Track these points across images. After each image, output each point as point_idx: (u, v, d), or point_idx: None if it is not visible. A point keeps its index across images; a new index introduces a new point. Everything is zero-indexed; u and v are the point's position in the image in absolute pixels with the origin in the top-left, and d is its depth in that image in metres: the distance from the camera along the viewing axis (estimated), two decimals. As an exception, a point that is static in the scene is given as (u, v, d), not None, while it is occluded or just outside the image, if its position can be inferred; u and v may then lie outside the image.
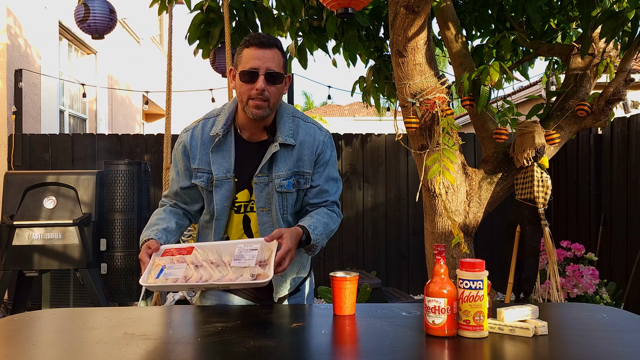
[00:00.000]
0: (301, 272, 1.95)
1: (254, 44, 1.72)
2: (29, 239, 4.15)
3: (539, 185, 3.10)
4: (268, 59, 1.71)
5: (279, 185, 1.78)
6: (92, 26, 4.03)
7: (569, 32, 3.70)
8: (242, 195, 1.82)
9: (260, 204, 1.80)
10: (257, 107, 1.72)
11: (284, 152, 1.79)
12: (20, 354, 1.30)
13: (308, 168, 1.82)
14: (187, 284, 1.51)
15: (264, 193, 1.80)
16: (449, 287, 1.42)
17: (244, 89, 1.72)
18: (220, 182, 1.79)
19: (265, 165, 1.78)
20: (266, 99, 1.72)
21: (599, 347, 1.34)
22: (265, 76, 1.70)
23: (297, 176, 1.81)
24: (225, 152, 1.80)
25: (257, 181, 1.79)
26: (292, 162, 1.80)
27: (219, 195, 1.80)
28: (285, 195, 1.81)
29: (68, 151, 5.94)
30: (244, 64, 1.72)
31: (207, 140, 1.82)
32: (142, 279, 1.57)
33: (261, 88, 1.70)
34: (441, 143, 2.87)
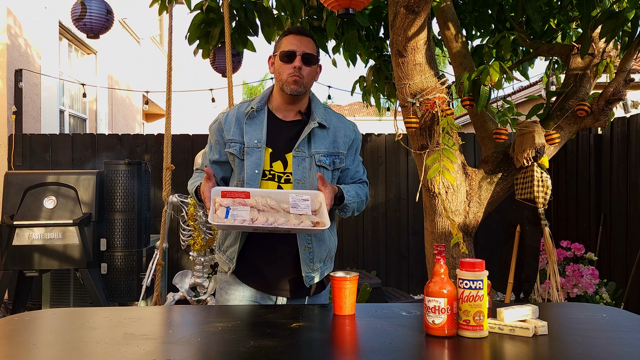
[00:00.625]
0: (328, 261, 1.99)
1: (292, 32, 1.96)
2: (29, 239, 4.15)
3: (539, 185, 3.10)
4: (304, 44, 1.94)
5: (318, 160, 1.93)
6: (88, 25, 4.03)
7: (569, 32, 3.70)
8: (276, 166, 1.94)
9: (297, 177, 1.92)
10: (295, 83, 1.91)
11: (320, 132, 1.96)
12: (20, 354, 1.30)
13: (343, 149, 1.99)
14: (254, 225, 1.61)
15: (300, 167, 1.92)
16: (449, 287, 1.42)
17: (283, 68, 1.93)
18: (252, 150, 1.91)
19: (304, 141, 1.93)
20: (302, 77, 1.92)
21: (599, 347, 1.34)
22: (301, 56, 1.92)
23: (333, 156, 1.97)
24: (257, 125, 1.95)
25: (295, 154, 1.93)
26: (329, 142, 1.96)
27: (249, 162, 1.91)
28: (323, 170, 1.94)
29: (68, 151, 5.94)
30: (284, 47, 1.94)
31: (241, 116, 1.98)
32: (210, 218, 1.68)
33: (299, 66, 1.91)
34: (441, 143, 2.86)
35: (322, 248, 1.94)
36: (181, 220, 3.83)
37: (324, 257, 1.96)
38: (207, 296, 3.83)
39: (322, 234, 1.93)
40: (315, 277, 1.93)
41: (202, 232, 3.75)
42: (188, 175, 5.81)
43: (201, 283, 3.81)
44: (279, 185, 1.92)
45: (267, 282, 1.93)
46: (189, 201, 3.78)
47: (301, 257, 1.90)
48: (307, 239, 1.90)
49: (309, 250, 1.90)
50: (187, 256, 5.82)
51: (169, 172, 3.71)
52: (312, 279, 1.92)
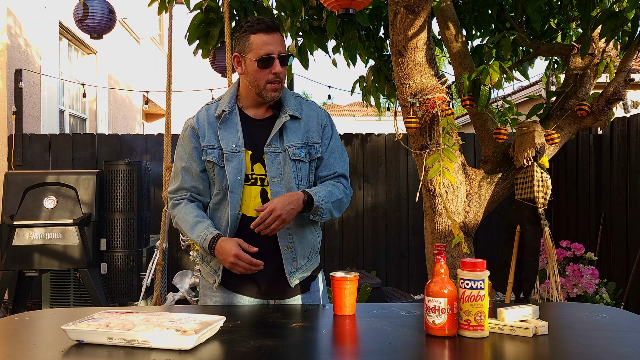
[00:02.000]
0: (312, 256, 1.93)
1: (261, 30, 1.79)
2: (29, 239, 4.15)
3: (539, 185, 3.10)
4: (278, 43, 1.80)
5: (292, 153, 1.83)
6: (91, 26, 4.03)
7: (569, 32, 3.70)
8: (258, 168, 1.85)
9: (272, 174, 1.83)
10: (274, 90, 1.82)
11: (292, 124, 1.86)
12: (20, 354, 1.30)
13: (317, 138, 1.89)
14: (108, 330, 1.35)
15: (275, 163, 1.83)
16: (449, 287, 1.42)
17: (261, 75, 1.80)
18: (231, 155, 1.82)
19: (275, 136, 1.84)
20: (280, 81, 1.82)
21: (599, 346, 1.34)
22: (279, 59, 1.79)
23: (308, 147, 1.87)
24: (232, 128, 1.85)
25: (267, 151, 1.83)
26: (302, 133, 1.87)
27: (230, 168, 1.82)
28: (299, 164, 1.85)
29: (68, 151, 5.94)
30: (257, 50, 1.78)
31: (212, 120, 1.87)
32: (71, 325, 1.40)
33: (279, 71, 1.79)
34: (441, 143, 2.86)
35: (304, 245, 1.88)
36: (181, 220, 3.82)
37: (308, 253, 1.90)
38: (207, 296, 3.83)
39: (303, 231, 1.86)
40: (299, 275, 1.88)
41: (202, 232, 3.74)
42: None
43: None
44: (263, 188, 1.84)
45: (256, 287, 1.87)
46: (189, 201, 3.77)
47: (283, 257, 1.84)
48: (289, 238, 1.84)
49: (291, 249, 1.84)
50: (187, 256, 5.82)
51: (169, 172, 3.71)
52: (296, 277, 1.86)
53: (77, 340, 1.37)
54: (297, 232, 1.86)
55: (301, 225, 1.87)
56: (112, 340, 1.34)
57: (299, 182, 1.85)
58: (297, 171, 1.85)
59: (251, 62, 1.79)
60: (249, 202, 1.84)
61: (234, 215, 1.82)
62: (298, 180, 1.85)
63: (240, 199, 1.83)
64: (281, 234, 1.83)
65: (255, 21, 1.80)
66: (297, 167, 1.85)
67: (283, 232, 1.83)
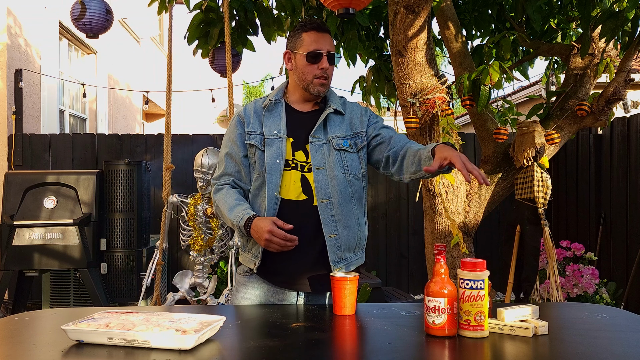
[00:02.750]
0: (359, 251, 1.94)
1: (313, 29, 1.91)
2: (29, 239, 4.15)
3: (539, 185, 3.11)
4: (327, 41, 1.91)
5: (336, 144, 1.91)
6: (87, 25, 4.03)
7: (569, 32, 3.70)
8: (299, 155, 1.91)
9: (316, 163, 1.89)
10: (321, 85, 1.91)
11: (336, 117, 1.95)
12: (20, 354, 1.30)
13: (360, 128, 1.96)
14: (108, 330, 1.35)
15: (319, 153, 1.90)
16: (449, 287, 1.42)
17: (309, 69, 1.90)
18: (272, 140, 1.90)
19: (320, 128, 1.92)
20: (327, 77, 1.92)
21: (599, 346, 1.34)
22: (327, 56, 1.90)
23: (353, 138, 1.94)
24: (275, 117, 1.95)
25: (312, 141, 1.90)
26: (346, 127, 1.95)
27: (270, 152, 1.89)
28: (344, 154, 1.91)
29: (68, 151, 5.94)
30: (307, 46, 1.90)
31: (259, 110, 1.98)
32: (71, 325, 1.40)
33: (326, 67, 1.89)
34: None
35: (349, 235, 1.88)
36: (181, 220, 3.83)
37: (353, 246, 1.91)
38: (207, 296, 3.83)
39: (348, 220, 1.88)
40: (343, 267, 1.86)
41: (202, 232, 3.75)
42: (188, 175, 5.85)
43: (201, 283, 3.81)
44: (303, 174, 1.88)
45: (290, 276, 1.87)
46: (189, 201, 3.78)
47: (328, 245, 1.84)
48: (333, 226, 1.86)
49: (335, 237, 1.85)
50: (187, 256, 5.82)
51: (169, 172, 3.71)
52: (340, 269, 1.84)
53: (77, 340, 1.37)
54: (341, 219, 1.87)
55: (346, 214, 1.88)
56: (112, 340, 1.34)
57: (345, 171, 1.90)
58: (342, 160, 1.90)
59: (301, 57, 1.91)
60: (289, 186, 1.88)
61: (272, 197, 1.85)
62: (344, 169, 1.90)
63: (279, 182, 1.87)
64: (325, 220, 1.85)
65: (308, 21, 1.93)
66: (343, 156, 1.91)
67: (327, 218, 1.85)
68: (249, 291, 1.92)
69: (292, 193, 1.87)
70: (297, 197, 1.87)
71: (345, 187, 1.88)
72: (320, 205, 1.85)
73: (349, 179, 1.90)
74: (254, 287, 1.91)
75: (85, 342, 1.36)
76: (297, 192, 1.87)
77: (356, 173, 1.93)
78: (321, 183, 1.86)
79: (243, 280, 1.95)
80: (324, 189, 1.86)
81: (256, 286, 1.91)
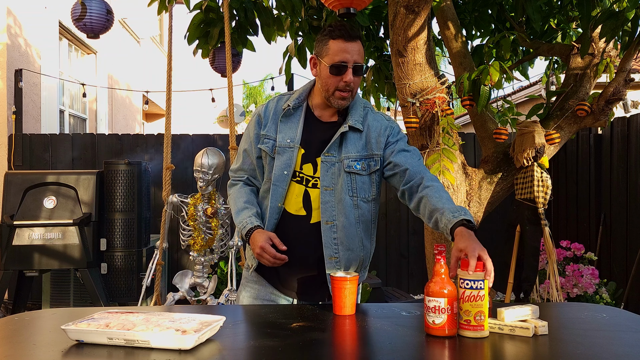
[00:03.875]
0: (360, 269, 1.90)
1: (341, 37, 1.78)
2: (29, 239, 4.15)
3: (539, 185, 3.10)
4: (355, 52, 1.78)
5: (347, 165, 1.82)
6: (88, 25, 4.03)
7: (569, 32, 3.70)
8: (306, 169, 1.86)
9: (325, 183, 1.83)
10: (342, 99, 1.82)
11: (353, 135, 1.85)
12: (20, 354, 1.30)
13: (376, 150, 1.86)
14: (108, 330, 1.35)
15: (329, 173, 1.83)
16: (449, 287, 1.42)
17: (332, 81, 1.80)
18: (283, 149, 1.85)
19: (334, 145, 1.83)
20: (351, 90, 1.81)
21: (599, 346, 1.34)
22: (352, 69, 1.78)
23: (367, 159, 1.85)
24: (292, 124, 1.88)
25: (324, 159, 1.83)
26: (361, 146, 1.85)
27: (279, 162, 1.85)
28: (354, 176, 1.84)
29: (68, 151, 5.94)
30: (332, 56, 1.78)
31: (278, 112, 1.90)
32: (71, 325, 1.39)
33: (350, 80, 1.79)
34: (441, 143, 2.87)
35: (350, 257, 1.85)
36: (181, 220, 3.83)
37: (355, 267, 1.88)
38: (207, 296, 3.83)
39: (351, 243, 1.84)
40: None
41: (202, 232, 3.75)
42: (188, 175, 5.85)
43: (201, 283, 3.81)
44: (306, 189, 1.84)
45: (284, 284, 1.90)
46: (189, 201, 3.78)
47: (326, 265, 1.84)
48: (334, 249, 1.82)
49: (336, 260, 1.83)
50: (187, 256, 5.82)
51: (169, 172, 3.71)
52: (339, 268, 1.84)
53: (77, 340, 1.37)
54: (344, 243, 1.84)
55: (350, 237, 1.85)
56: (112, 340, 1.34)
57: (353, 194, 1.84)
58: (351, 183, 1.84)
59: (325, 66, 1.80)
60: (291, 199, 1.86)
61: (274, 208, 1.85)
62: (352, 192, 1.84)
63: (284, 193, 1.85)
64: (327, 242, 1.82)
65: (338, 27, 1.79)
66: (352, 179, 1.83)
67: (329, 241, 1.82)
68: (249, 285, 1.96)
69: (292, 207, 1.86)
70: (297, 212, 1.85)
71: (351, 211, 1.84)
72: (324, 227, 1.83)
73: (356, 202, 1.85)
74: (254, 281, 1.95)
75: (85, 342, 1.36)
76: (298, 206, 1.86)
77: (365, 196, 1.87)
78: (327, 205, 1.83)
79: (245, 274, 2.00)
80: (330, 211, 1.83)
81: (255, 280, 1.95)
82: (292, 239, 1.83)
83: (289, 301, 1.92)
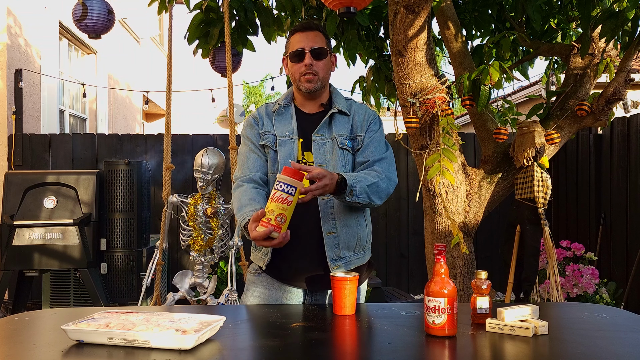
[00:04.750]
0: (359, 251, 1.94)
1: (297, 30, 1.98)
2: (29, 239, 4.15)
3: (539, 185, 3.10)
4: (311, 39, 1.96)
5: (340, 142, 1.95)
6: (90, 26, 4.03)
7: (569, 32, 3.70)
8: (308, 156, 1.97)
9: (319, 160, 1.93)
10: (308, 81, 1.95)
11: (341, 117, 2.00)
12: (20, 354, 1.30)
13: (360, 132, 2.00)
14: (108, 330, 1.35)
15: (321, 151, 1.95)
16: (449, 286, 1.42)
17: (295, 68, 1.97)
18: (284, 141, 1.96)
19: (324, 126, 1.97)
20: (315, 73, 1.95)
21: (599, 346, 1.34)
22: (310, 53, 1.94)
23: (353, 140, 1.99)
24: (286, 120, 2.01)
25: (315, 139, 1.96)
26: (349, 128, 1.99)
27: (282, 152, 1.95)
28: (346, 153, 1.96)
29: (68, 151, 5.94)
30: (292, 47, 1.97)
31: (270, 113, 2.05)
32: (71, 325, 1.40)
33: (309, 63, 1.93)
34: (441, 143, 2.87)
35: (348, 233, 1.91)
36: (181, 220, 3.83)
37: (353, 245, 1.92)
38: (207, 296, 3.83)
39: (347, 218, 1.91)
40: (342, 265, 1.88)
41: (202, 232, 3.75)
42: (188, 175, 5.85)
43: (201, 283, 3.81)
44: None
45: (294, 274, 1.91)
46: (189, 201, 3.78)
47: (325, 242, 1.87)
48: (332, 223, 1.89)
49: (334, 234, 1.88)
50: (187, 256, 5.82)
51: (169, 172, 3.71)
52: (338, 267, 1.87)
53: (77, 340, 1.37)
54: (340, 217, 1.90)
55: (345, 212, 1.91)
56: (112, 340, 1.34)
57: (347, 170, 1.94)
58: (344, 159, 1.95)
59: (288, 59, 1.99)
60: None
61: None
62: (346, 168, 1.94)
63: None
64: (325, 217, 1.89)
65: (298, 25, 1.99)
66: (345, 155, 1.95)
67: (326, 216, 1.89)
68: (257, 289, 1.96)
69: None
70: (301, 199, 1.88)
71: None
72: (320, 203, 1.89)
73: None
74: (263, 285, 1.96)
75: (85, 342, 1.36)
76: None
77: None
78: None
79: (253, 279, 2.00)
80: None
81: (265, 284, 1.95)
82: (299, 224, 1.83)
83: (298, 295, 1.93)
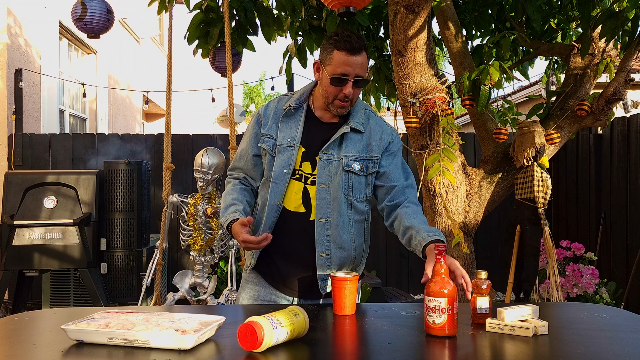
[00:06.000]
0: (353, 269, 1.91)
1: (345, 49, 1.78)
2: (29, 239, 4.15)
3: (539, 185, 3.10)
4: (357, 65, 1.79)
5: (346, 164, 1.85)
6: (89, 25, 4.03)
7: (569, 31, 3.70)
8: (305, 166, 1.88)
9: (322, 180, 1.85)
10: (341, 107, 1.85)
11: (354, 136, 1.88)
12: (20, 354, 1.30)
13: (376, 153, 1.89)
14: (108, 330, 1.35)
15: (326, 170, 1.86)
16: (449, 286, 1.42)
17: (332, 90, 1.82)
18: (283, 148, 1.87)
19: (334, 144, 1.86)
20: (350, 100, 1.84)
21: (599, 346, 1.34)
22: (353, 82, 1.81)
23: (366, 161, 1.88)
24: (293, 123, 1.90)
25: (321, 157, 1.86)
26: (362, 147, 1.88)
27: (279, 161, 1.87)
28: (351, 175, 1.86)
29: (68, 151, 5.94)
30: (334, 67, 1.80)
31: (279, 112, 1.93)
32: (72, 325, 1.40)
33: (350, 93, 1.81)
34: (441, 143, 2.87)
35: (342, 255, 1.87)
36: (181, 220, 3.83)
37: (346, 265, 1.89)
38: (207, 296, 3.83)
39: (343, 242, 1.86)
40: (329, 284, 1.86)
41: (202, 232, 3.75)
42: (188, 175, 5.85)
43: (201, 283, 3.81)
44: (305, 186, 1.87)
45: (282, 281, 1.91)
46: (189, 201, 3.78)
47: (317, 262, 1.85)
48: (326, 245, 1.84)
49: (327, 256, 1.85)
50: (187, 256, 5.82)
51: (169, 172, 3.71)
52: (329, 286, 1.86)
53: (77, 340, 1.37)
54: (336, 241, 1.86)
55: (342, 235, 1.87)
56: (112, 340, 1.34)
57: (348, 193, 1.86)
58: (348, 182, 1.86)
59: (327, 76, 1.82)
60: (290, 196, 1.88)
61: (273, 206, 1.86)
62: (347, 191, 1.86)
63: (283, 191, 1.87)
64: (320, 238, 1.84)
65: (344, 37, 1.79)
66: (349, 178, 1.86)
67: (322, 237, 1.85)
68: (248, 286, 1.96)
69: (292, 204, 1.88)
70: (296, 209, 1.87)
71: (345, 209, 1.86)
72: (317, 224, 1.84)
73: (350, 201, 1.87)
74: (253, 282, 1.95)
75: (85, 342, 1.36)
76: (297, 203, 1.87)
77: (360, 196, 1.89)
78: (322, 202, 1.84)
79: (245, 275, 2.00)
80: (325, 208, 1.84)
81: (255, 281, 1.95)
82: (292, 236, 1.86)
83: (288, 301, 1.92)
